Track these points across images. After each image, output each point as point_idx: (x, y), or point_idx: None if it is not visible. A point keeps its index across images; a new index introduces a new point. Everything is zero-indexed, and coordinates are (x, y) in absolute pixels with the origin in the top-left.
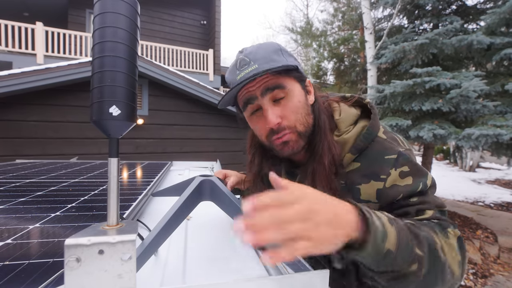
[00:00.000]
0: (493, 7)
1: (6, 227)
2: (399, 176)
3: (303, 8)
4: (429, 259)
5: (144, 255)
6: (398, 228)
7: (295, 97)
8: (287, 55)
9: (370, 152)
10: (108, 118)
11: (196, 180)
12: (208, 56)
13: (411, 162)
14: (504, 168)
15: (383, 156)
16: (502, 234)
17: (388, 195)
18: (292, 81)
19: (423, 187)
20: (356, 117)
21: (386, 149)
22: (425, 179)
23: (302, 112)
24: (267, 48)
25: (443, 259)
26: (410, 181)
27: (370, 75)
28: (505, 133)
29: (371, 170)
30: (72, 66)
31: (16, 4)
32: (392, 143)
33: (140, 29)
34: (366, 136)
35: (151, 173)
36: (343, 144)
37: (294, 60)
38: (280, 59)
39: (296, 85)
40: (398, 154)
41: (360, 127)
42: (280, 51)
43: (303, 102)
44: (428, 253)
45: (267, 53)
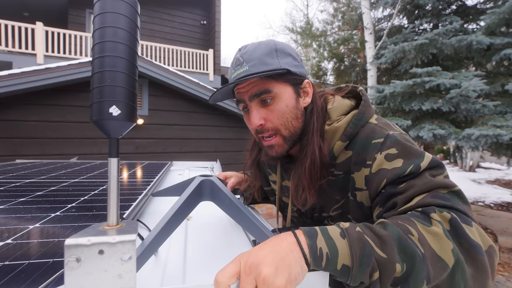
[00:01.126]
0: (493, 7)
1: (6, 227)
2: (385, 159)
3: (303, 8)
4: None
5: (144, 255)
6: (352, 238)
7: (282, 101)
8: (284, 56)
9: (360, 138)
10: (108, 118)
11: (196, 180)
12: (208, 56)
13: (400, 144)
14: (504, 168)
15: (370, 141)
16: (502, 234)
17: (374, 180)
18: (282, 84)
19: (414, 169)
20: (350, 108)
21: (374, 134)
22: (418, 160)
23: (288, 117)
24: (263, 49)
25: (420, 254)
26: (399, 164)
27: (370, 75)
28: (505, 134)
29: (361, 157)
30: (72, 66)
31: (16, 4)
32: (382, 127)
33: (140, 29)
34: (355, 122)
35: (151, 173)
36: (334, 133)
37: (292, 60)
38: (272, 61)
39: (287, 88)
40: (386, 136)
41: (351, 115)
42: (276, 51)
43: (291, 106)
44: (396, 253)
45: (261, 55)
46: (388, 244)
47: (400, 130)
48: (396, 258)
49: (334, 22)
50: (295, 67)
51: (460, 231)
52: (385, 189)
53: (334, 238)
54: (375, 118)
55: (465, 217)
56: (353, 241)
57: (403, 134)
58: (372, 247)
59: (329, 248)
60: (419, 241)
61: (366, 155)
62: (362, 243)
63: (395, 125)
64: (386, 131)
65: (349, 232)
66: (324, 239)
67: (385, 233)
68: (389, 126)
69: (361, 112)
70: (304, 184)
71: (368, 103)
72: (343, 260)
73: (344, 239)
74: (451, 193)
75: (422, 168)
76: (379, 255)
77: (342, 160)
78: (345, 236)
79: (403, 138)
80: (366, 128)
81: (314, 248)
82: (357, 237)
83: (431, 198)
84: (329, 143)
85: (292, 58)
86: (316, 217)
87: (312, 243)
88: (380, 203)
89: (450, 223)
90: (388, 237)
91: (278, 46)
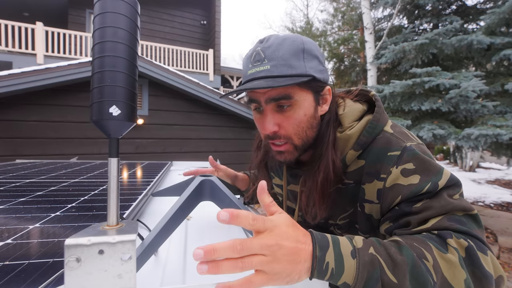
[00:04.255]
0: (493, 7)
1: (6, 227)
2: (402, 175)
3: (303, 8)
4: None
5: (144, 255)
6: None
7: (301, 109)
8: (310, 58)
9: (375, 148)
10: (108, 118)
11: (196, 180)
12: (208, 56)
13: (419, 158)
14: (504, 168)
15: (386, 153)
16: (502, 234)
17: (387, 196)
18: (303, 91)
19: (432, 187)
20: (362, 113)
21: (391, 145)
22: (437, 178)
23: (303, 126)
24: (288, 47)
25: (433, 282)
26: (416, 180)
27: (370, 75)
28: (505, 133)
29: (375, 169)
30: (72, 66)
31: (16, 4)
32: (398, 137)
33: (140, 29)
34: (369, 130)
35: (151, 173)
36: (346, 141)
37: (318, 63)
38: (298, 64)
39: (308, 96)
40: (403, 149)
41: (364, 122)
42: (303, 53)
43: (309, 116)
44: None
45: (286, 54)
46: (401, 269)
47: (417, 140)
48: (407, 284)
49: (334, 22)
50: (320, 72)
51: (475, 261)
52: (399, 206)
53: (344, 255)
54: (390, 125)
55: (481, 244)
56: (363, 265)
57: (421, 145)
58: (384, 269)
59: (336, 265)
60: (433, 267)
61: (380, 167)
62: (372, 267)
63: (411, 134)
64: (404, 142)
65: (361, 254)
66: (334, 254)
67: (400, 258)
68: (406, 136)
69: (375, 120)
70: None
71: (382, 109)
72: (346, 279)
73: (354, 259)
74: (468, 216)
75: (440, 187)
76: (390, 278)
77: (354, 169)
78: (355, 257)
79: (421, 151)
80: (381, 138)
81: (321, 262)
82: (368, 260)
83: (448, 222)
84: (341, 151)
85: (318, 62)
86: (321, 223)
87: (321, 255)
88: (391, 219)
89: (467, 251)
90: (402, 262)
91: (306, 46)
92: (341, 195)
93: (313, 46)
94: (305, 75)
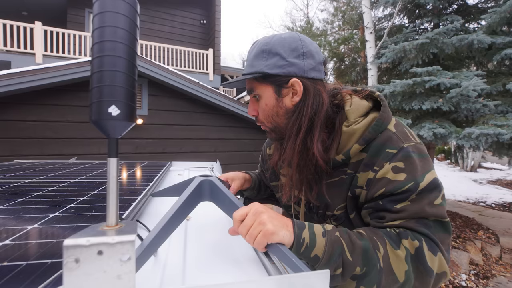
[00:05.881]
0: (494, 6)
1: (5, 228)
2: (391, 170)
3: (303, 8)
4: (362, 264)
5: (143, 255)
6: (330, 240)
7: (263, 100)
8: (270, 57)
9: (376, 143)
10: (107, 118)
11: (196, 180)
12: (208, 55)
13: (410, 160)
14: (506, 168)
15: (385, 149)
16: (503, 234)
17: (375, 185)
18: (262, 85)
19: (413, 187)
20: (367, 109)
21: (390, 142)
22: (419, 179)
23: (267, 113)
24: (255, 50)
25: (379, 266)
26: (401, 178)
27: (371, 74)
28: (506, 133)
29: (372, 161)
30: (71, 65)
31: (14, 3)
32: (399, 137)
33: (140, 29)
34: (375, 128)
35: (151, 173)
36: (351, 135)
37: (279, 60)
38: (257, 64)
39: (267, 89)
40: (400, 149)
41: (370, 119)
42: (262, 53)
43: (270, 105)
44: (359, 260)
45: (252, 57)
46: (357, 252)
47: (415, 141)
48: (359, 263)
49: (335, 21)
50: (278, 67)
51: (421, 258)
52: (382, 201)
53: (317, 234)
54: (394, 124)
55: (434, 246)
56: (330, 242)
57: (418, 145)
58: (345, 250)
59: (310, 240)
60: (382, 257)
61: (376, 160)
62: (337, 245)
63: (412, 134)
64: (402, 143)
65: (329, 234)
66: (309, 233)
67: (359, 243)
68: (406, 137)
69: (381, 118)
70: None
71: (387, 108)
72: (316, 252)
73: (324, 238)
74: (438, 222)
75: (420, 188)
76: (347, 257)
77: (356, 161)
78: (325, 236)
79: (416, 151)
80: (384, 135)
81: (299, 237)
82: (334, 239)
83: (415, 224)
84: (346, 144)
85: (279, 58)
86: (320, 214)
87: (299, 232)
88: (373, 208)
89: (416, 250)
90: (359, 247)
91: (267, 47)
92: (342, 184)
93: (278, 44)
94: (257, 72)
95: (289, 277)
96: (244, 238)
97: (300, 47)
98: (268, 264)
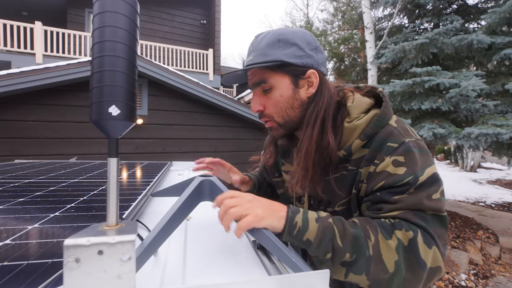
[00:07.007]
0: (493, 7)
1: (5, 228)
2: (392, 164)
3: (303, 8)
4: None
5: (143, 255)
6: (323, 226)
7: (277, 91)
8: (287, 46)
9: (377, 138)
10: (108, 118)
11: (196, 180)
12: (208, 55)
13: (410, 154)
14: (505, 168)
15: (386, 143)
16: (503, 234)
17: (374, 179)
18: (279, 75)
19: (412, 180)
20: (369, 106)
21: (392, 136)
22: (419, 173)
23: (282, 106)
24: (268, 39)
25: (368, 254)
26: (401, 172)
27: (371, 74)
28: (505, 132)
29: (373, 155)
30: (71, 65)
31: (15, 3)
32: (400, 132)
33: (140, 29)
34: (376, 123)
35: (151, 173)
36: (353, 130)
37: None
38: (273, 52)
39: (284, 79)
40: (401, 144)
41: (371, 115)
42: (279, 42)
43: (287, 97)
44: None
45: (264, 45)
46: (347, 239)
47: (416, 137)
48: (349, 250)
49: (334, 21)
50: (297, 57)
51: (414, 249)
52: (380, 192)
53: (310, 219)
54: (395, 120)
55: (430, 239)
56: (323, 228)
57: (418, 141)
58: (336, 236)
59: (303, 225)
60: (373, 246)
61: (377, 154)
62: (328, 230)
63: (412, 130)
64: (403, 138)
65: (322, 220)
66: (302, 218)
67: (350, 231)
68: (407, 132)
69: (382, 113)
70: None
71: (388, 104)
72: (308, 236)
73: (317, 223)
74: (435, 216)
75: (419, 182)
76: (338, 243)
77: (358, 157)
78: (318, 221)
79: (417, 146)
80: (385, 129)
81: (292, 220)
82: (326, 225)
83: (412, 215)
84: (347, 139)
85: (297, 48)
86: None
87: (292, 216)
88: (372, 201)
89: (409, 241)
90: (350, 235)
91: (283, 36)
92: (343, 180)
93: (294, 35)
94: (274, 60)
95: (289, 277)
96: (228, 210)
97: (313, 41)
98: (268, 264)
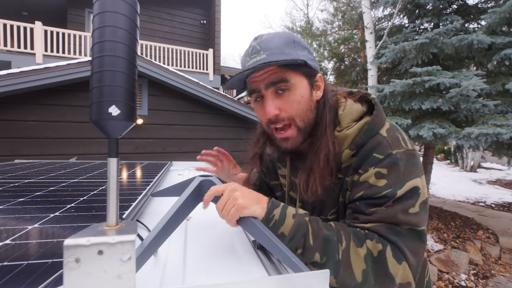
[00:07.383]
0: (493, 7)
1: (5, 228)
2: (374, 175)
3: (303, 8)
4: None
5: (143, 255)
6: (298, 222)
7: (298, 91)
8: (300, 48)
9: (365, 148)
10: (108, 118)
11: (196, 180)
12: (208, 55)
13: (395, 167)
14: (505, 169)
15: (372, 153)
16: (503, 234)
17: (357, 187)
18: (298, 75)
19: (390, 194)
20: (361, 113)
21: (379, 148)
22: (398, 187)
23: (302, 107)
24: (281, 38)
25: (337, 258)
26: (382, 184)
27: (371, 74)
28: (505, 132)
29: (359, 165)
30: (71, 65)
31: (15, 3)
32: (389, 143)
33: (140, 29)
34: (366, 133)
35: (151, 173)
36: (343, 140)
37: (308, 53)
38: (291, 52)
39: (302, 80)
40: (387, 155)
41: (362, 123)
42: (294, 43)
43: (306, 97)
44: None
45: (280, 44)
46: (318, 239)
47: (406, 147)
48: (319, 250)
49: (334, 21)
50: (310, 60)
51: (383, 261)
52: (359, 202)
53: (287, 215)
54: (386, 129)
55: (400, 254)
56: (298, 224)
57: (408, 151)
58: (309, 234)
59: (279, 219)
60: (343, 250)
61: (362, 164)
62: (303, 227)
63: (404, 139)
64: (390, 149)
65: (299, 216)
66: (280, 212)
67: (324, 232)
68: (397, 142)
69: (373, 122)
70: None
71: (380, 112)
72: (283, 229)
73: (293, 219)
74: (411, 230)
75: (397, 195)
76: (308, 241)
77: (347, 165)
78: (295, 217)
79: (405, 157)
80: (374, 139)
81: (269, 213)
82: (302, 222)
83: (385, 229)
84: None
85: (308, 52)
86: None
87: (271, 209)
88: (352, 209)
89: (379, 253)
90: (322, 236)
91: (296, 38)
92: (333, 190)
93: (302, 40)
94: (298, 59)
95: (289, 277)
96: (220, 213)
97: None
98: (268, 264)
